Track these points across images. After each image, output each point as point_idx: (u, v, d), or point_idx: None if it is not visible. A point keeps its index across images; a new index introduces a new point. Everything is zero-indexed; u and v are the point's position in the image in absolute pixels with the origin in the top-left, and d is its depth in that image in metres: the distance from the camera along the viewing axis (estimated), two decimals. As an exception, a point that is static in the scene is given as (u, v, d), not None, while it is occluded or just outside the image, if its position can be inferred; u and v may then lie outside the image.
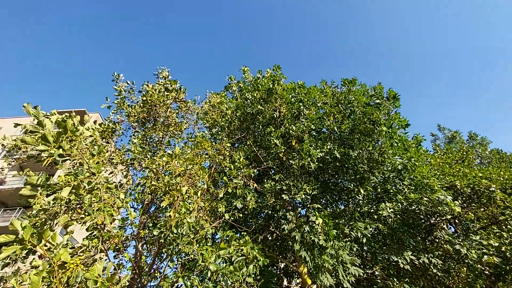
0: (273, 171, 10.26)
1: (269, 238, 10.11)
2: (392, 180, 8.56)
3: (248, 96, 10.43)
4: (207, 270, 4.76)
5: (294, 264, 9.69)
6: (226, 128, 9.84)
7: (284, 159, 9.21)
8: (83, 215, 4.04)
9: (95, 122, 7.90)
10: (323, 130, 10.50)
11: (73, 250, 5.26)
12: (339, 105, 10.29)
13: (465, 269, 8.30)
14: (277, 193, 8.47)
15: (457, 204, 7.73)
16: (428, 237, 9.33)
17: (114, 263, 6.03)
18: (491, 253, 7.92)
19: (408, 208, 8.40)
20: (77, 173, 3.69)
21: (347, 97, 10.34)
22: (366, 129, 8.83)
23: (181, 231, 4.95)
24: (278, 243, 10.11)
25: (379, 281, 8.17)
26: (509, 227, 8.56)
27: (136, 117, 8.16)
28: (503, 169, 10.92)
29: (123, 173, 7.75)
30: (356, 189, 8.62)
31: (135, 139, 7.79)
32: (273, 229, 9.30)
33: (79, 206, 4.25)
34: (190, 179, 5.91)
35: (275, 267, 11.05)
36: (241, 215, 7.74)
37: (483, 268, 8.12)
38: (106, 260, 5.72)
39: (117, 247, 6.17)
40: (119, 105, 8.15)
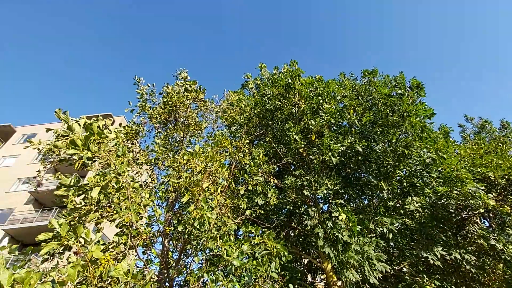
0: (293, 167, 10.20)
1: (292, 234, 10.09)
2: (419, 173, 8.21)
3: (266, 93, 10.41)
4: (231, 266, 4.83)
5: (317, 260, 9.61)
6: (245, 125, 9.90)
7: (304, 154, 9.12)
8: (112, 213, 4.26)
9: (120, 124, 8.25)
10: (343, 124, 10.26)
11: (104, 246, 5.54)
12: (359, 98, 10.00)
13: (501, 265, 7.82)
14: (298, 189, 8.42)
15: (491, 196, 7.28)
16: (459, 232, 8.87)
17: (143, 258, 6.31)
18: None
19: (437, 202, 8.03)
20: (105, 173, 3.89)
21: (367, 89, 10.02)
22: (390, 121, 8.51)
23: (203, 228, 5.06)
24: (300, 239, 10.07)
25: (407, 277, 7.90)
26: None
27: (158, 118, 8.42)
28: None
29: (148, 172, 8.03)
30: (380, 184, 8.37)
31: (158, 139, 8.05)
32: (295, 225, 9.27)
33: (108, 205, 4.48)
34: (210, 176, 6.02)
35: (298, 263, 11.02)
36: (262, 211, 7.78)
37: (522, 265, 7.63)
38: (135, 256, 6.00)
39: (145, 243, 6.45)
40: (141, 107, 8.44)
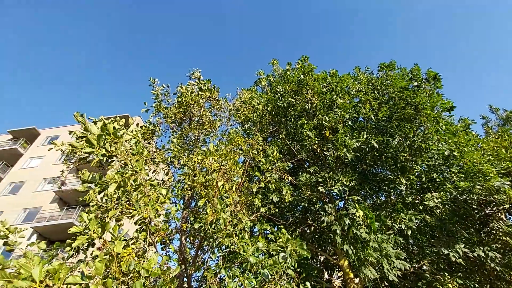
0: (307, 163, 10.13)
1: (307, 231, 10.05)
2: (438, 168, 7.95)
3: (278, 89, 10.38)
4: (247, 262, 4.88)
5: (334, 257, 9.53)
6: (258, 123, 9.92)
7: (318, 151, 9.04)
8: (131, 210, 4.41)
9: (137, 125, 8.49)
10: (358, 119, 10.08)
11: (125, 242, 5.74)
12: (375, 92, 9.77)
13: (529, 263, 7.47)
14: (313, 186, 8.36)
15: (517, 191, 6.95)
16: (483, 229, 8.53)
17: (162, 254, 6.50)
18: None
19: (459, 198, 7.74)
20: (123, 172, 4.04)
21: (384, 82, 9.77)
22: (406, 114, 8.28)
23: (218, 226, 5.14)
24: (316, 236, 10.01)
25: (427, 275, 7.69)
26: None
27: (173, 118, 8.60)
28: None
29: (164, 171, 8.23)
30: (398, 179, 8.17)
31: (173, 138, 8.23)
32: (310, 222, 9.22)
33: (128, 202, 4.64)
34: (225, 175, 6.09)
35: (314, 260, 10.97)
36: (277, 209, 7.79)
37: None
38: (154, 252, 6.18)
39: (163, 240, 6.63)
40: (157, 108, 8.64)
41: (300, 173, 9.01)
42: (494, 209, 8.37)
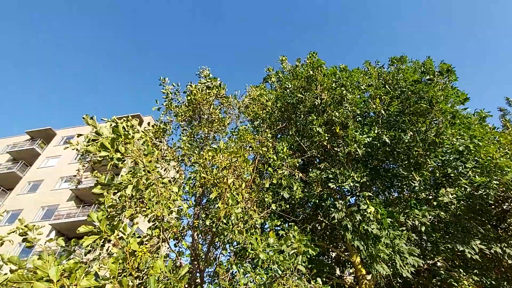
0: (317, 160, 10.07)
1: (318, 228, 10.02)
2: (453, 163, 7.74)
3: (287, 86, 10.32)
4: (258, 258, 4.92)
5: (346, 253, 9.48)
6: (268, 120, 9.91)
7: (328, 147, 8.97)
8: (144, 208, 4.51)
9: (148, 124, 8.63)
10: (369, 114, 9.92)
11: (139, 239, 5.89)
12: (386, 86, 9.58)
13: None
14: (323, 182, 8.32)
15: (537, 187, 6.72)
16: (500, 225, 8.29)
17: (175, 250, 6.63)
18: None
19: (474, 193, 7.54)
20: (135, 171, 4.13)
21: (395, 76, 9.57)
22: (418, 109, 8.08)
23: (230, 222, 5.19)
24: (327, 233, 9.97)
25: (442, 272, 7.55)
26: None
27: (183, 116, 8.70)
28: None
29: (175, 168, 8.35)
30: (411, 175, 8.02)
31: (184, 136, 8.33)
32: (321, 219, 9.18)
33: (141, 200, 4.76)
34: (235, 172, 6.14)
35: (326, 257, 10.94)
36: (288, 205, 7.79)
37: None
38: (168, 248, 6.32)
39: (176, 236, 6.76)
40: (167, 106, 8.75)
41: (310, 169, 8.97)
42: (512, 204, 8.13)
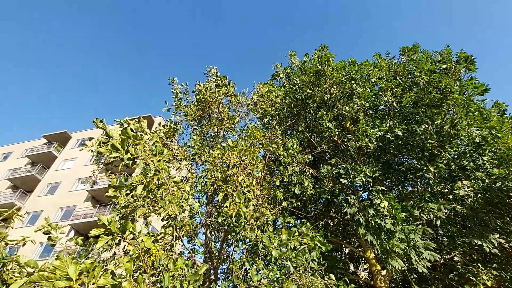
0: (328, 155, 9.99)
1: (331, 224, 9.96)
2: (469, 155, 7.52)
3: (296, 81, 10.24)
4: (271, 255, 4.94)
5: (359, 249, 9.39)
6: (277, 116, 9.88)
7: (339, 142, 8.87)
8: (157, 207, 4.60)
9: (159, 124, 8.76)
10: (380, 107, 9.73)
11: (153, 237, 6.02)
12: (397, 78, 9.37)
13: None
14: (334, 178, 8.25)
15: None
16: (521, 218, 8.02)
17: (188, 248, 6.74)
18: None
19: (492, 186, 7.30)
20: (146, 172, 4.22)
21: (406, 67, 9.34)
22: (433, 100, 7.87)
23: (240, 220, 5.22)
24: (340, 228, 9.90)
25: (459, 267, 7.39)
26: None
27: (193, 115, 8.78)
28: None
29: (187, 167, 8.46)
30: (425, 168, 7.83)
31: (194, 136, 8.41)
32: (334, 214, 9.13)
33: (153, 199, 4.85)
34: (245, 169, 6.16)
35: (339, 253, 10.87)
36: (299, 202, 7.76)
37: None
38: (181, 245, 6.43)
39: (189, 234, 6.86)
40: (177, 106, 8.85)
41: (321, 165, 8.90)
42: (533, 196, 7.83)
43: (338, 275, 8.41)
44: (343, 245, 9.83)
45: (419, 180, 8.50)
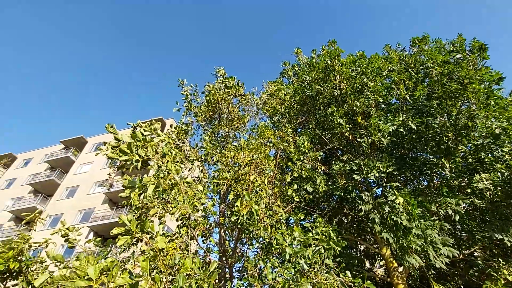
0: (340, 152, 9.88)
1: (345, 221, 9.86)
2: (487, 147, 7.27)
3: (305, 78, 10.17)
4: (285, 253, 4.94)
5: (375, 246, 9.26)
6: (287, 114, 9.85)
7: (350, 138, 8.75)
8: (170, 208, 4.69)
9: (171, 126, 8.91)
10: (392, 101, 9.54)
11: (169, 237, 6.13)
12: (410, 70, 9.14)
13: None
14: (347, 174, 8.16)
15: None
16: (544, 211, 7.69)
17: (203, 247, 6.83)
18: None
19: (512, 178, 7.05)
20: (158, 173, 4.32)
21: (418, 58, 9.10)
22: (447, 91, 7.63)
23: (253, 218, 5.25)
24: (354, 225, 9.78)
25: (479, 262, 7.17)
26: None
27: (203, 116, 8.87)
28: None
29: (199, 168, 8.57)
30: (441, 162, 7.63)
31: (205, 136, 8.50)
32: (347, 211, 9.03)
33: (166, 200, 4.95)
34: (257, 168, 6.18)
35: (354, 250, 10.75)
36: (312, 200, 7.72)
37: None
38: (196, 245, 6.53)
39: (203, 233, 6.95)
40: (187, 108, 8.96)
41: (333, 162, 8.82)
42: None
43: (354, 273, 8.33)
44: (358, 242, 9.72)
45: (435, 174, 8.29)
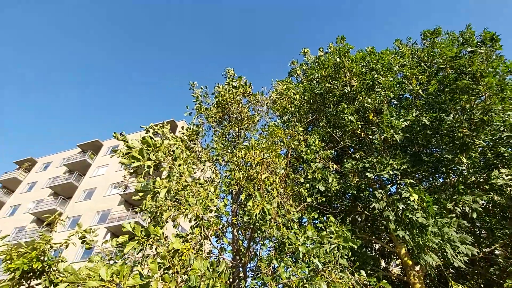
0: (352, 149, 9.76)
1: (358, 219, 9.73)
2: (506, 141, 7.01)
3: (314, 76, 10.09)
4: (298, 252, 4.93)
5: (390, 244, 9.10)
6: (297, 113, 9.81)
7: (362, 135, 8.63)
8: (184, 209, 4.77)
9: (182, 127, 9.05)
10: (404, 96, 9.33)
11: (183, 238, 6.24)
12: (422, 64, 8.92)
13: None
14: (360, 172, 8.05)
15: None
16: None
17: (217, 247, 6.91)
18: None
19: (535, 172, 6.77)
20: (170, 176, 4.40)
21: (431, 52, 8.86)
22: (459, 86, 7.41)
23: (265, 217, 5.27)
24: (369, 224, 9.64)
25: (500, 260, 6.93)
26: None
27: (214, 117, 8.96)
28: None
29: (211, 169, 8.66)
30: (457, 158, 7.41)
31: (216, 137, 8.59)
32: (361, 210, 8.91)
33: (178, 202, 5.04)
34: (268, 168, 6.20)
35: (369, 248, 10.60)
36: (324, 199, 7.67)
37: None
38: (210, 245, 6.62)
39: (216, 233, 7.03)
40: (197, 110, 9.07)
41: (345, 160, 8.72)
42: None
43: (369, 272, 8.22)
44: (373, 241, 9.57)
45: (451, 171, 8.06)
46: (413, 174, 8.74)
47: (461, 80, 7.42)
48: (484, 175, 7.25)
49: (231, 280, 6.46)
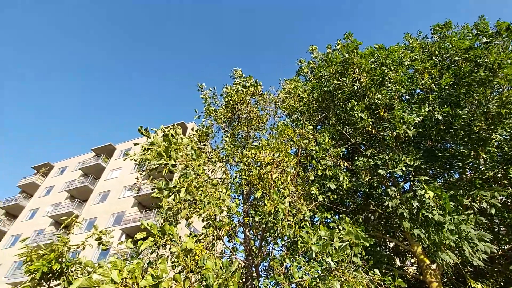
0: (363, 147, 9.62)
1: (371, 218, 9.58)
2: (525, 135, 6.76)
3: (322, 74, 10.00)
4: (311, 251, 4.89)
5: (405, 243, 8.92)
6: (306, 112, 9.75)
7: (373, 132, 8.49)
8: (197, 209, 4.83)
9: (192, 129, 9.15)
10: (416, 91, 9.13)
11: (196, 238, 6.30)
12: (433, 58, 8.70)
13: None
14: (372, 170, 7.93)
15: None
16: None
17: (229, 247, 6.95)
18: None
19: (556, 166, 6.50)
20: (186, 175, 4.45)
21: (442, 45, 8.63)
22: (475, 79, 7.18)
23: (278, 217, 5.26)
24: (382, 222, 9.47)
25: (522, 258, 6.69)
26: None
27: (223, 118, 9.01)
28: None
29: (221, 169, 8.71)
30: (473, 153, 7.19)
31: (226, 138, 8.63)
32: (374, 208, 8.77)
33: (193, 201, 5.10)
34: (279, 167, 6.19)
35: (383, 247, 10.42)
36: (335, 196, 7.59)
37: None
38: (223, 245, 6.66)
39: (229, 233, 7.07)
40: (207, 111, 9.14)
41: (356, 157, 8.61)
42: None
43: (383, 271, 8.08)
44: (387, 239, 9.41)
45: (467, 166, 7.83)
46: (427, 171, 8.54)
47: (477, 72, 7.18)
48: (502, 170, 7.01)
49: (244, 280, 6.48)
